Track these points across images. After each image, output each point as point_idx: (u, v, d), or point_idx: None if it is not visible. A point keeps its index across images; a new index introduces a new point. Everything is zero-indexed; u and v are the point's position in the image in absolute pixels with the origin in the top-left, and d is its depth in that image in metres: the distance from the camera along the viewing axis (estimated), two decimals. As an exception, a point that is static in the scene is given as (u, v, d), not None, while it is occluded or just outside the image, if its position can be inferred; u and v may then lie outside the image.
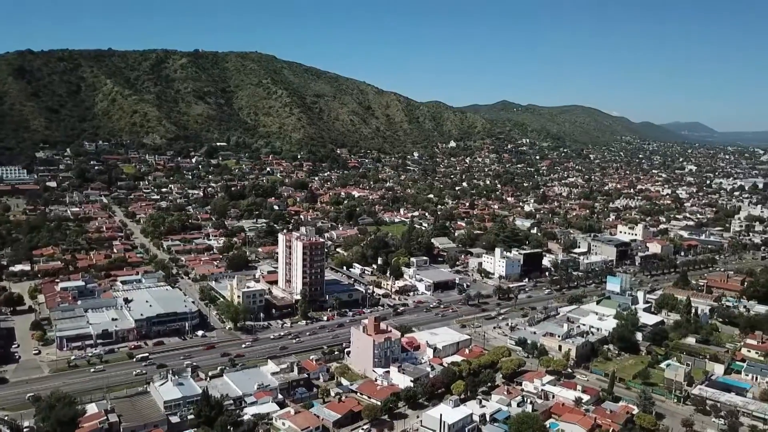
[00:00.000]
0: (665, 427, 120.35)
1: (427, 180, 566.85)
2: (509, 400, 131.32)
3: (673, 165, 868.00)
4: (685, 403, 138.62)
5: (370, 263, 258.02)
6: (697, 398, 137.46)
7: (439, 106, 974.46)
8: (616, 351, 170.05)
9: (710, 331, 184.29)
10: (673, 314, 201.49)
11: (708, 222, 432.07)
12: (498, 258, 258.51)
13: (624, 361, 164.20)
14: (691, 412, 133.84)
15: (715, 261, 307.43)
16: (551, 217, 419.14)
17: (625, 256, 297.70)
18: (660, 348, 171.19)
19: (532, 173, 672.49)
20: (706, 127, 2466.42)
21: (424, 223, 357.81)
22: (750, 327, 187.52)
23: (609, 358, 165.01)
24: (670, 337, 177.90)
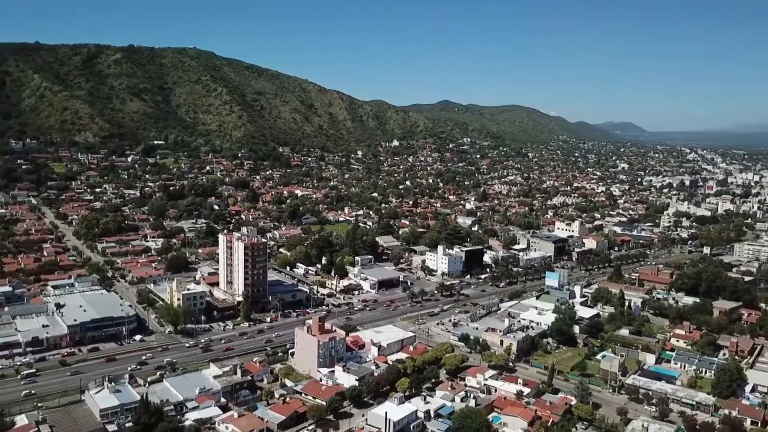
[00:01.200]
0: (601, 416, 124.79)
1: (371, 179, 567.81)
2: (453, 395, 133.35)
3: (607, 163, 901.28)
4: (620, 392, 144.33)
5: (314, 263, 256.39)
6: (630, 387, 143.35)
7: (382, 105, 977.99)
8: (555, 344, 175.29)
9: (642, 323, 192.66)
10: (607, 307, 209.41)
11: (639, 218, 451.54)
12: (441, 255, 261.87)
13: (562, 353, 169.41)
14: (625, 400, 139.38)
15: (646, 255, 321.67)
16: (492, 214, 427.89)
17: (563, 252, 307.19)
18: (596, 340, 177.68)
19: (473, 172, 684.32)
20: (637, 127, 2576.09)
21: (369, 221, 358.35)
22: (678, 318, 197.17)
23: (548, 351, 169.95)
24: (605, 329, 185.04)
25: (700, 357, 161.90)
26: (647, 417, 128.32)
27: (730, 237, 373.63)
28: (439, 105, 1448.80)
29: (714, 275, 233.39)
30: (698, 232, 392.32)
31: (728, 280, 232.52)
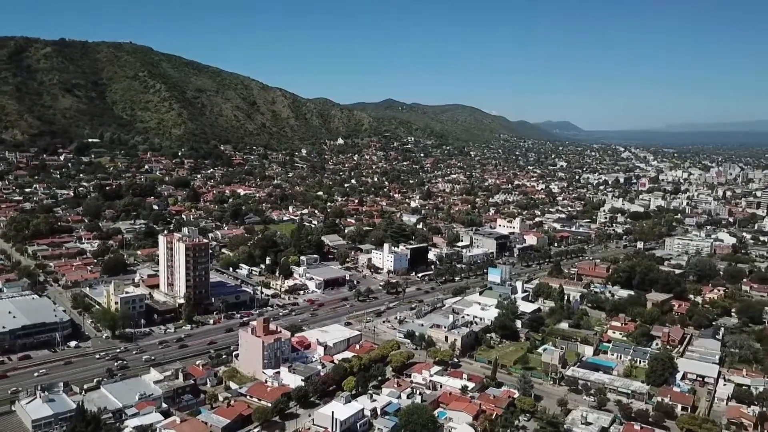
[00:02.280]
0: (543, 408, 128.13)
1: (315, 177, 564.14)
2: (399, 392, 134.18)
3: (546, 161, 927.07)
4: (560, 384, 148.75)
5: (258, 263, 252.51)
6: (570, 379, 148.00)
7: (326, 103, 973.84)
8: (498, 339, 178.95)
9: (581, 316, 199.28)
10: (548, 301, 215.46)
11: (577, 214, 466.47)
12: (386, 253, 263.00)
13: (505, 348, 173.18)
14: (566, 392, 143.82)
15: (584, 250, 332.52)
16: (436, 212, 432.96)
17: (505, 248, 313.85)
18: (537, 334, 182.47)
19: (418, 170, 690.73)
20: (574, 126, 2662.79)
21: (314, 220, 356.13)
22: (614, 310, 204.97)
23: (492, 346, 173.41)
24: (546, 323, 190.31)
25: (634, 347, 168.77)
26: (586, 407, 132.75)
27: (661, 232, 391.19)
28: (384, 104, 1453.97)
29: (647, 269, 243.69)
30: (632, 227, 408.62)
31: (660, 273, 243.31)
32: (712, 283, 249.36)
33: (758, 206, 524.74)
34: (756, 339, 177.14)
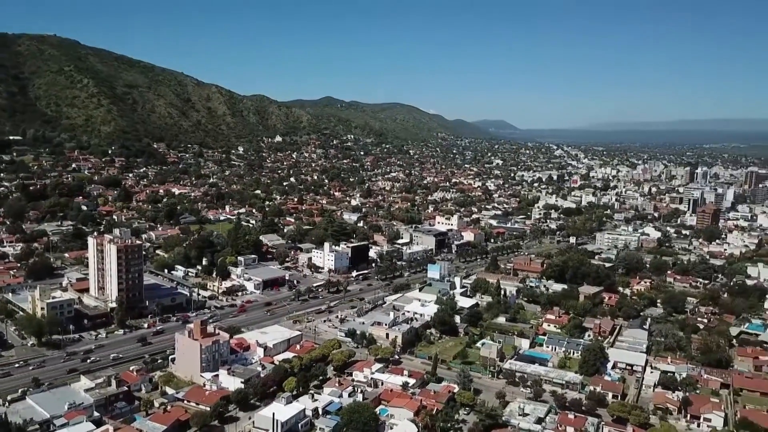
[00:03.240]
0: (482, 401, 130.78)
1: (253, 175, 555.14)
2: (341, 391, 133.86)
3: (483, 159, 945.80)
4: (499, 377, 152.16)
5: (194, 264, 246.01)
6: (508, 372, 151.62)
7: (264, 100, 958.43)
8: (438, 334, 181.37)
9: (517, 310, 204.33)
10: (486, 296, 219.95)
11: (513, 211, 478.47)
12: (327, 252, 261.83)
13: (445, 343, 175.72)
14: (504, 384, 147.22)
15: (520, 246, 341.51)
16: (376, 210, 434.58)
17: (443, 245, 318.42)
18: (476, 328, 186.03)
19: (358, 168, 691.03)
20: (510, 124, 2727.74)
21: (252, 220, 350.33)
22: (549, 304, 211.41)
23: (432, 342, 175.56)
24: (484, 317, 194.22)
25: (568, 339, 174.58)
26: (523, 398, 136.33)
27: (592, 227, 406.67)
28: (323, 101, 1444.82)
29: (579, 263, 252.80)
30: (565, 223, 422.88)
31: (591, 267, 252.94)
32: (640, 275, 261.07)
33: (680, 202, 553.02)
34: (679, 328, 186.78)
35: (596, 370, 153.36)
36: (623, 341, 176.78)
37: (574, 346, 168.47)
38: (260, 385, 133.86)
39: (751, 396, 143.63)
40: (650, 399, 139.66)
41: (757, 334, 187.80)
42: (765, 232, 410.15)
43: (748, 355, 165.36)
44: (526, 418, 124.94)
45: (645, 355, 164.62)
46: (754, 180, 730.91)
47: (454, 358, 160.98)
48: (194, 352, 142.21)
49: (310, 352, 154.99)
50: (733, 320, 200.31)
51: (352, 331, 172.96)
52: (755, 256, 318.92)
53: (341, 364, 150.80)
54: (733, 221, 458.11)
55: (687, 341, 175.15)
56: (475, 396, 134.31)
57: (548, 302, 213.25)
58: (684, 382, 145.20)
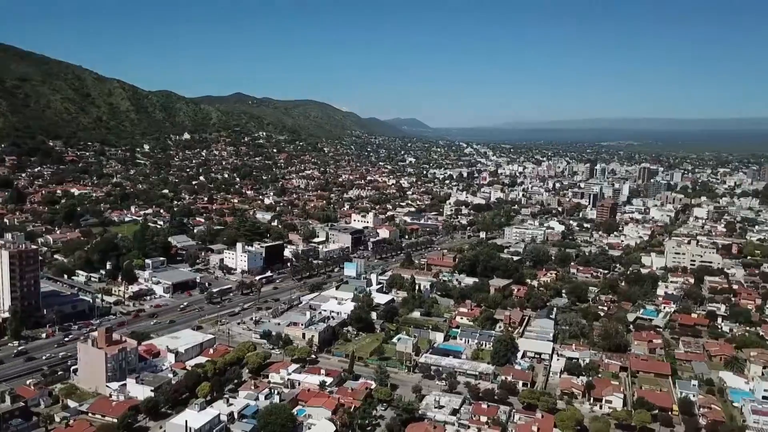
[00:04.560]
0: (399, 396, 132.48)
1: (160, 174, 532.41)
2: (257, 393, 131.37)
3: (396, 157, 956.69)
4: (414, 371, 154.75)
5: (97, 269, 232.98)
6: (423, 366, 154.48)
7: (170, 96, 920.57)
8: (355, 332, 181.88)
9: (431, 304, 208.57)
10: (401, 292, 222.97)
11: (426, 208, 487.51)
12: (240, 253, 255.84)
13: (362, 340, 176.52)
14: (420, 378, 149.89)
15: (433, 242, 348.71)
16: (291, 208, 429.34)
17: (359, 243, 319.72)
18: (392, 324, 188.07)
19: (271, 166, 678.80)
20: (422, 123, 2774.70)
21: (160, 221, 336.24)
22: (461, 297, 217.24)
23: (349, 340, 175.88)
24: (400, 313, 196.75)
25: (480, 331, 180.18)
26: (438, 391, 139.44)
27: (501, 222, 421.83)
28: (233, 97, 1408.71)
29: (489, 257, 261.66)
30: (475, 218, 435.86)
31: (501, 260, 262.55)
32: (546, 267, 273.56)
33: (582, 196, 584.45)
34: (582, 316, 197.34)
35: (507, 360, 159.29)
36: (532, 331, 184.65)
37: (486, 338, 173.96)
38: (171, 392, 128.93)
39: (647, 377, 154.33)
40: (557, 385, 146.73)
41: (650, 319, 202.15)
42: (657, 224, 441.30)
43: (643, 339, 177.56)
44: (441, 410, 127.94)
45: (552, 344, 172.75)
46: (646, 175, 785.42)
47: (371, 354, 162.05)
48: (99, 362, 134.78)
49: (224, 356, 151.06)
50: (630, 307, 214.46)
51: (268, 333, 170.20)
52: (648, 246, 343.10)
53: (257, 367, 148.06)
54: (629, 214, 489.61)
55: (589, 328, 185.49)
56: (392, 391, 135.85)
57: (461, 296, 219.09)
58: (587, 368, 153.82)
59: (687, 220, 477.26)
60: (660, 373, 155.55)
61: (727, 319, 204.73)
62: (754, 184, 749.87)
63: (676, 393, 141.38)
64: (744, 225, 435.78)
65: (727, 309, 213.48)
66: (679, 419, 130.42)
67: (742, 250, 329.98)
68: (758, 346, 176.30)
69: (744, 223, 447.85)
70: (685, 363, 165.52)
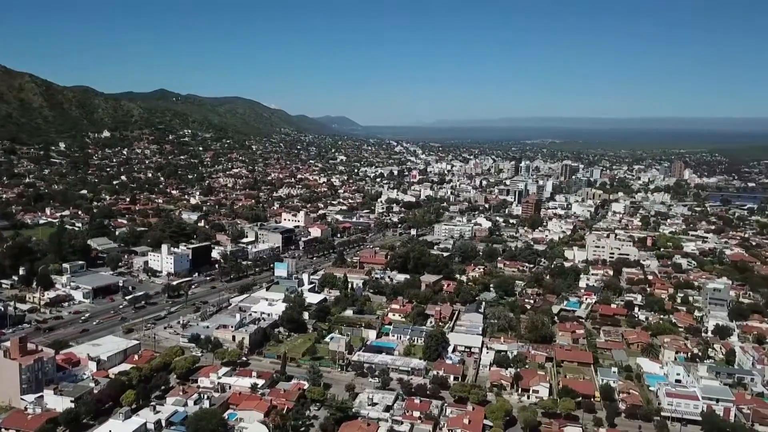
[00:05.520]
0: (332, 395, 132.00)
1: (78, 174, 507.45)
2: (185, 399, 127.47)
3: (327, 155, 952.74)
4: (348, 369, 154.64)
5: (9, 274, 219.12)
6: (356, 364, 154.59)
7: (88, 92, 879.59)
8: (287, 332, 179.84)
9: (364, 302, 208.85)
10: (333, 291, 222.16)
11: (358, 206, 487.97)
12: (165, 255, 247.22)
13: (294, 340, 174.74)
14: (353, 376, 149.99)
15: (365, 239, 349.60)
16: (218, 208, 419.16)
17: (290, 242, 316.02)
18: (324, 323, 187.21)
19: (197, 165, 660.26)
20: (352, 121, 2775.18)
21: (78, 223, 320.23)
22: (393, 294, 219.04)
23: (281, 341, 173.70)
24: (332, 312, 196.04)
25: (412, 327, 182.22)
26: (372, 388, 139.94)
27: (431, 219, 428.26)
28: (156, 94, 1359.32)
29: (420, 253, 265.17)
30: (406, 216, 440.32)
31: (431, 256, 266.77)
32: (474, 262, 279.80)
33: (508, 193, 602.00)
34: (510, 309, 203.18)
35: (438, 354, 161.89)
36: (462, 325, 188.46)
37: (418, 333, 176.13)
38: (93, 402, 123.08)
39: (571, 366, 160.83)
40: (487, 377, 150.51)
41: (573, 310, 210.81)
42: (578, 219, 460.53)
43: (567, 330, 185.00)
44: (375, 408, 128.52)
45: (481, 337, 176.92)
46: (568, 172, 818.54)
47: (304, 354, 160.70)
48: (12, 373, 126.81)
49: (150, 362, 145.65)
50: (554, 299, 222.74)
51: (196, 336, 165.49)
52: (570, 240, 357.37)
53: (185, 371, 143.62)
54: (552, 210, 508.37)
55: (517, 321, 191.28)
56: (325, 391, 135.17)
57: (393, 292, 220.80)
58: (515, 359, 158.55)
59: (606, 214, 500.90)
60: (583, 361, 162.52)
61: (643, 308, 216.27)
62: (666, 180, 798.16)
63: (597, 380, 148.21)
64: (657, 219, 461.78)
65: (643, 299, 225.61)
66: (601, 405, 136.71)
67: (655, 243, 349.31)
68: (671, 333, 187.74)
69: (657, 216, 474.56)
70: (606, 351, 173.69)
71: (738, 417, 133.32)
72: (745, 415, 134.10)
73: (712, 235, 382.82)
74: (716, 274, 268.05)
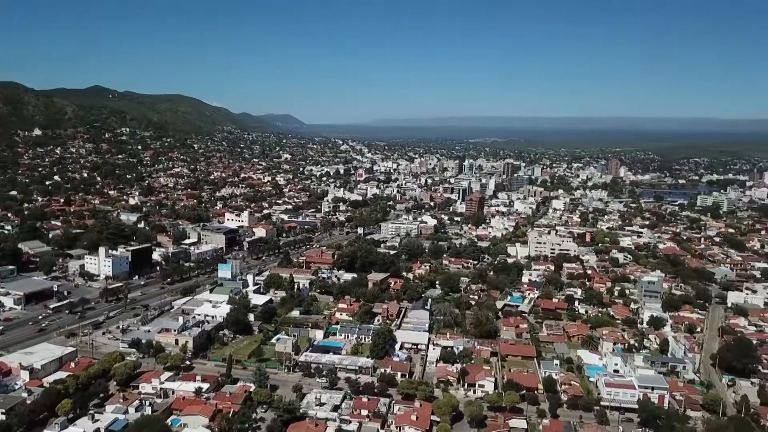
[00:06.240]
0: (279, 397, 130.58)
1: (7, 174, 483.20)
2: (126, 406, 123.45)
3: (271, 154, 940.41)
4: (295, 370, 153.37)
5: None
6: (303, 364, 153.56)
7: (16, 88, 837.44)
8: (232, 335, 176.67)
9: (311, 302, 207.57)
10: (279, 292, 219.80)
11: (303, 205, 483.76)
12: (103, 258, 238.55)
13: (239, 342, 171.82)
14: (300, 377, 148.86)
15: (311, 239, 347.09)
16: (159, 209, 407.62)
17: (234, 243, 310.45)
18: (270, 325, 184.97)
19: (136, 164, 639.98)
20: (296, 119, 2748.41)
21: (7, 225, 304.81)
22: (341, 293, 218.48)
23: (225, 343, 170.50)
24: (278, 312, 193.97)
25: (359, 326, 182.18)
26: (319, 389, 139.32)
27: (377, 218, 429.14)
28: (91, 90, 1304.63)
29: (367, 252, 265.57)
30: (353, 215, 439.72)
31: (378, 255, 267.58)
32: (420, 260, 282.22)
33: (452, 191, 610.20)
34: (455, 305, 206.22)
35: (386, 352, 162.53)
36: (409, 322, 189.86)
37: (366, 332, 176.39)
38: (26, 413, 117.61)
39: (515, 360, 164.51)
40: (434, 374, 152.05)
41: (517, 305, 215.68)
42: (520, 216, 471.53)
43: (510, 325, 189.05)
44: (323, 408, 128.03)
45: (428, 334, 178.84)
46: (510, 170, 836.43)
47: (249, 357, 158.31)
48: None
49: (88, 369, 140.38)
50: (498, 295, 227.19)
51: (137, 341, 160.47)
52: (513, 237, 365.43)
53: (125, 378, 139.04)
54: (495, 207, 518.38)
55: (462, 317, 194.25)
56: (272, 392, 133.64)
57: (340, 292, 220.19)
58: (461, 355, 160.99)
59: (547, 211, 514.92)
60: (526, 355, 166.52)
61: (582, 301, 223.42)
62: (603, 177, 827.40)
63: (540, 373, 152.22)
64: (595, 215, 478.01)
65: (582, 293, 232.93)
66: (544, 397, 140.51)
67: (594, 238, 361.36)
68: (609, 325, 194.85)
69: (595, 213, 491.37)
70: (548, 344, 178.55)
71: (671, 403, 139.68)
72: (677, 402, 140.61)
73: (646, 230, 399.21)
74: (650, 267, 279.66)
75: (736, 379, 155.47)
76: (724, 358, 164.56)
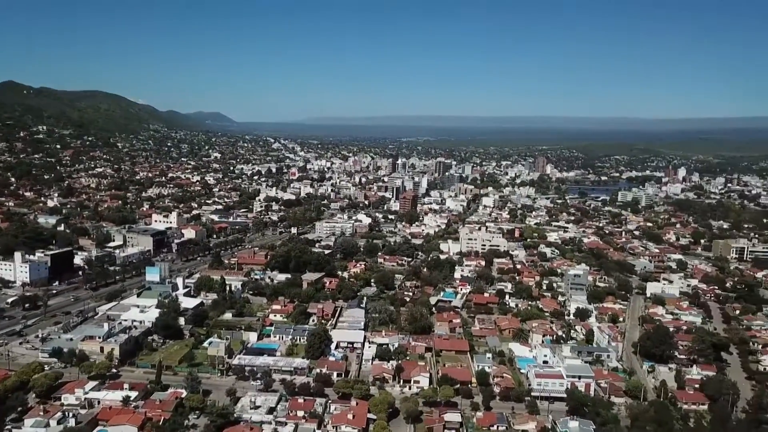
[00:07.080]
0: (212, 402, 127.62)
1: None
2: (47, 419, 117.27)
3: (200, 153, 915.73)
4: (228, 374, 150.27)
5: None
6: (237, 367, 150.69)
7: None
8: (162, 340, 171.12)
9: (243, 304, 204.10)
10: (211, 294, 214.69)
11: (234, 205, 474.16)
12: (19, 263, 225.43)
13: (170, 348, 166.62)
14: (234, 381, 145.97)
15: (243, 240, 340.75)
16: (80, 210, 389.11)
17: (162, 245, 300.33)
18: (202, 328, 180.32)
19: (54, 164, 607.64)
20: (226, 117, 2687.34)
21: None
22: (274, 294, 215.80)
23: (155, 349, 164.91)
24: (210, 316, 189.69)
25: (294, 327, 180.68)
26: (254, 391, 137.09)
27: (312, 217, 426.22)
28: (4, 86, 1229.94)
29: (301, 252, 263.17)
30: (286, 214, 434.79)
31: (312, 254, 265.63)
32: (355, 259, 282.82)
33: (386, 190, 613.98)
34: (390, 303, 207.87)
35: (321, 352, 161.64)
36: (344, 321, 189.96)
37: (301, 333, 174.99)
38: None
39: (449, 355, 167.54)
40: (370, 372, 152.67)
41: (450, 301, 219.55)
42: (452, 213, 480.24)
43: (444, 320, 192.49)
44: (258, 411, 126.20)
45: (363, 332, 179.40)
46: (441, 169, 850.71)
47: (180, 362, 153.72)
48: None
49: (4, 381, 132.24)
50: (432, 291, 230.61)
51: (58, 350, 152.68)
52: (445, 234, 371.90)
53: (46, 389, 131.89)
54: (428, 205, 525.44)
55: (397, 314, 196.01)
56: (204, 398, 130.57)
57: (274, 293, 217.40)
58: (396, 352, 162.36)
59: (477, 208, 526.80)
60: (460, 350, 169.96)
61: (513, 295, 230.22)
62: (530, 174, 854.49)
63: (474, 367, 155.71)
64: (523, 211, 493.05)
65: (513, 287, 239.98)
66: (478, 390, 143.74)
67: (522, 234, 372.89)
68: (538, 318, 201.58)
69: (523, 209, 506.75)
70: (481, 338, 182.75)
71: (597, 391, 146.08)
72: (603, 389, 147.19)
73: (572, 225, 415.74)
74: (576, 261, 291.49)
75: (656, 366, 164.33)
76: (644, 345, 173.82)
